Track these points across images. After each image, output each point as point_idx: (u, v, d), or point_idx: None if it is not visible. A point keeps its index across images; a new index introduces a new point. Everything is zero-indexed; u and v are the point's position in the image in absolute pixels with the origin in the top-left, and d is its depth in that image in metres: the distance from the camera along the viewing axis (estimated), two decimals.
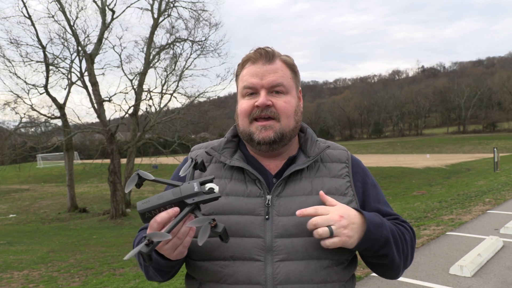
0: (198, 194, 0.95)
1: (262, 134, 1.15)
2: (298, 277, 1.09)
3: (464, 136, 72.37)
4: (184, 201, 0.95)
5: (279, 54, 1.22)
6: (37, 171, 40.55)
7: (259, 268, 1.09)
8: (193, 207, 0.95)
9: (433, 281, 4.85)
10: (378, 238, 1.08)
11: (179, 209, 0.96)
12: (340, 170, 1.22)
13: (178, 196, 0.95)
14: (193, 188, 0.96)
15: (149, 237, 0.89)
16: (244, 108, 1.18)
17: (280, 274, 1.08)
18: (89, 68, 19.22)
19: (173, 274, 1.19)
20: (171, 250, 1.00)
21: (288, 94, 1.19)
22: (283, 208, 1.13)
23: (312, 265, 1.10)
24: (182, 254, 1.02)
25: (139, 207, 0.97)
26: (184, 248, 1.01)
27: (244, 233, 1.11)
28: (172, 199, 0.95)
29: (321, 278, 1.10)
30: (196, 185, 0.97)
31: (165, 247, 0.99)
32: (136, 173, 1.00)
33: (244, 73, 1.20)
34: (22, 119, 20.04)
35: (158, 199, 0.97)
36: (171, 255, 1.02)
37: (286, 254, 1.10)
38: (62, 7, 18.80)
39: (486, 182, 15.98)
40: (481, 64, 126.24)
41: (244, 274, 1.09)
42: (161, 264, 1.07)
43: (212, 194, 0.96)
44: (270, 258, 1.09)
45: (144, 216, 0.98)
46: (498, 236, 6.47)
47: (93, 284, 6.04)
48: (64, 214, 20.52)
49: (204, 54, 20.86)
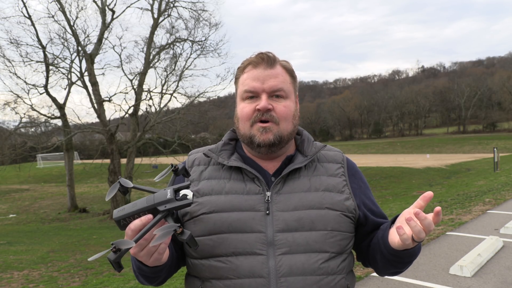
0: (170, 201, 0.96)
1: (262, 136, 1.18)
2: (301, 269, 1.11)
3: (464, 136, 72.33)
4: (156, 208, 0.96)
5: (279, 60, 1.24)
6: (37, 171, 40.57)
7: (261, 261, 1.11)
8: (165, 214, 0.96)
9: (433, 281, 4.85)
10: (417, 252, 1.15)
11: (152, 216, 0.96)
12: (336, 169, 1.26)
13: (150, 203, 0.96)
14: (166, 195, 0.97)
15: (115, 244, 0.90)
16: (246, 112, 1.20)
17: (283, 267, 1.11)
18: (89, 68, 19.22)
19: (162, 280, 1.20)
20: (147, 257, 1.00)
21: (288, 99, 1.22)
22: (283, 204, 1.16)
23: (313, 257, 1.13)
24: (159, 260, 1.02)
25: (114, 215, 0.98)
26: (159, 255, 1.00)
27: (246, 229, 1.13)
28: (145, 207, 0.96)
29: (323, 270, 1.13)
30: (170, 192, 0.97)
31: (140, 254, 0.99)
32: (118, 182, 1.02)
33: (245, 77, 1.22)
34: (22, 119, 20.06)
35: (132, 206, 0.98)
36: (148, 262, 1.02)
37: (288, 248, 1.12)
38: (62, 7, 18.81)
39: (486, 182, 15.97)
40: (481, 64, 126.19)
41: (247, 268, 1.11)
42: (145, 270, 1.09)
43: (184, 201, 0.97)
44: (272, 251, 1.12)
45: (120, 223, 0.99)
46: (498, 236, 6.48)
47: (93, 284, 6.04)
48: (64, 214, 20.53)
49: (204, 54, 20.85)
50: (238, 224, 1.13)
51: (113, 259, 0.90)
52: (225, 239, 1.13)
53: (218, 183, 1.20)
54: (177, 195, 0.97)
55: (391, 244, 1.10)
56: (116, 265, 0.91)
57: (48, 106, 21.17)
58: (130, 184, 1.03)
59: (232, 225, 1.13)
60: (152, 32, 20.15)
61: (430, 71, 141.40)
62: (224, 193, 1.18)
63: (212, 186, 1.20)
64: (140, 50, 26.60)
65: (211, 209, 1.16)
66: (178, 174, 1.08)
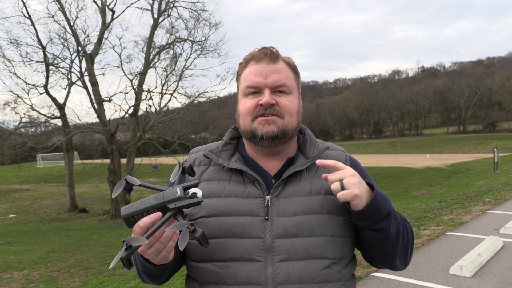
0: (180, 199, 0.96)
1: (265, 128, 1.15)
2: (299, 277, 1.09)
3: (464, 136, 72.32)
4: (166, 206, 0.96)
5: (281, 56, 1.22)
6: (37, 171, 40.57)
7: (259, 268, 1.09)
8: (175, 211, 0.96)
9: (433, 281, 4.85)
10: (382, 208, 1.07)
11: (161, 214, 0.96)
12: None
13: (160, 201, 0.96)
14: (175, 193, 0.96)
15: (127, 241, 0.90)
16: (248, 107, 1.17)
17: (281, 274, 1.08)
18: (89, 68, 19.22)
19: (165, 279, 1.19)
20: (155, 255, 1.00)
21: (291, 95, 1.19)
22: (283, 209, 1.14)
23: (313, 265, 1.10)
24: (166, 258, 1.02)
25: (122, 212, 0.98)
26: (167, 253, 1.00)
27: (244, 234, 1.11)
28: (154, 204, 0.96)
29: (322, 278, 1.10)
30: (179, 190, 0.97)
31: (148, 251, 0.99)
32: (124, 179, 1.02)
33: (248, 72, 1.19)
34: (22, 119, 20.08)
35: (141, 204, 0.97)
36: (155, 260, 1.02)
37: (286, 255, 1.10)
38: (62, 7, 18.82)
39: (486, 182, 15.97)
40: (481, 64, 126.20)
41: (245, 275, 1.09)
42: (149, 268, 1.08)
43: (194, 199, 0.96)
44: (270, 258, 1.10)
45: (128, 221, 0.98)
46: (498, 236, 6.47)
47: (93, 284, 6.04)
48: (64, 214, 20.53)
49: (204, 54, 20.87)
50: (236, 229, 1.11)
51: (125, 256, 0.89)
52: (224, 244, 1.11)
53: (218, 185, 1.18)
54: (187, 193, 0.97)
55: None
56: (127, 262, 0.91)
57: (48, 106, 21.22)
58: (137, 182, 1.02)
59: (231, 230, 1.11)
60: (152, 32, 20.16)
61: (430, 71, 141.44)
62: (223, 196, 1.16)
63: (212, 188, 1.18)
64: (140, 50, 26.73)
65: (210, 212, 1.14)
66: (184, 173, 1.08)
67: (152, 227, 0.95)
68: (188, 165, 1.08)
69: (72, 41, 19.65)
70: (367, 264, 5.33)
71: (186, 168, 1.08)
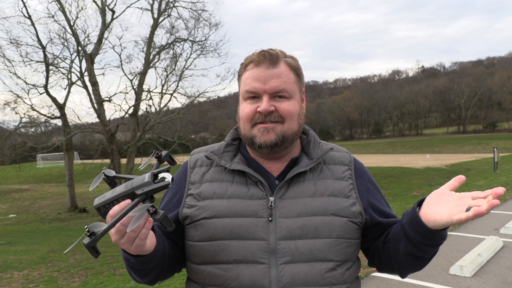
0: (147, 184, 0.94)
1: (263, 137, 1.13)
2: (303, 280, 1.07)
3: (464, 136, 72.29)
4: (134, 192, 0.95)
5: (284, 55, 1.18)
6: (37, 171, 40.56)
7: (263, 271, 1.07)
8: (143, 197, 0.94)
9: (433, 281, 4.85)
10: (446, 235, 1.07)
11: (131, 201, 0.95)
12: (343, 172, 1.21)
13: (129, 188, 0.95)
14: (143, 179, 0.96)
15: (89, 228, 0.89)
16: (247, 113, 1.16)
17: (285, 277, 1.07)
18: (89, 68, 19.23)
19: (154, 277, 1.14)
20: (129, 244, 0.96)
21: (292, 98, 1.16)
22: (287, 210, 1.12)
23: (317, 267, 1.09)
24: (141, 247, 0.97)
25: (95, 203, 0.98)
26: (141, 241, 0.96)
27: (248, 236, 1.09)
28: (123, 191, 0.96)
29: (327, 280, 1.09)
30: (148, 176, 0.96)
31: (121, 241, 0.96)
32: (102, 172, 1.02)
33: (247, 76, 1.16)
34: (22, 119, 20.07)
35: (112, 193, 0.98)
36: (130, 249, 0.98)
37: (291, 257, 1.08)
38: (62, 7, 18.82)
39: (486, 182, 15.97)
40: (481, 64, 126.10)
41: (248, 278, 1.07)
42: (131, 261, 1.05)
43: (161, 183, 0.94)
44: (274, 260, 1.08)
45: (101, 211, 0.99)
46: (498, 236, 6.48)
47: (93, 284, 6.04)
48: (64, 214, 20.52)
49: (204, 54, 20.89)
50: (240, 231, 1.09)
51: (87, 243, 0.88)
52: (226, 246, 1.09)
53: (220, 186, 1.16)
54: (155, 179, 0.96)
55: (427, 223, 1.02)
56: (92, 249, 0.89)
57: (48, 106, 21.20)
58: (113, 173, 1.03)
59: (234, 232, 1.09)
60: (152, 32, 20.17)
61: (430, 71, 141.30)
62: (226, 197, 1.14)
63: (214, 189, 1.16)
64: (140, 50, 26.71)
65: (213, 214, 1.12)
66: (162, 161, 1.06)
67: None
68: (165, 153, 1.06)
69: (72, 41, 19.67)
70: (367, 264, 5.33)
71: (163, 156, 1.06)
